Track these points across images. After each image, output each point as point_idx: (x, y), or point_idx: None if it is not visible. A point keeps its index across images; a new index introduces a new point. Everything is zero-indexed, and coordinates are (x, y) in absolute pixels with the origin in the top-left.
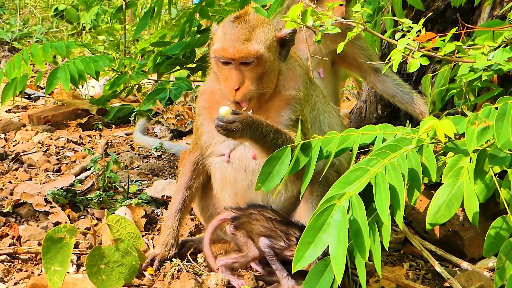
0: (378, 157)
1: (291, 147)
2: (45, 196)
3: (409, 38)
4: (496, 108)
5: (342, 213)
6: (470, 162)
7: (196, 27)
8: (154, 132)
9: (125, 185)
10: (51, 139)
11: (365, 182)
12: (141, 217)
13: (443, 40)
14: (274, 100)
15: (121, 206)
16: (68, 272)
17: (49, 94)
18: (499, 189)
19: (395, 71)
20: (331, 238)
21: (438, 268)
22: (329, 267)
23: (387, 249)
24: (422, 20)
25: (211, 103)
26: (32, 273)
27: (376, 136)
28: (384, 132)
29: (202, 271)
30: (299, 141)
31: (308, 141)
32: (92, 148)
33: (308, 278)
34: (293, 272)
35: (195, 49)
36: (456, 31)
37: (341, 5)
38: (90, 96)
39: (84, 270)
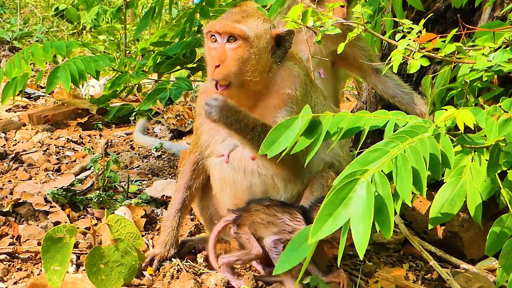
0: (397, 140)
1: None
2: (45, 195)
3: (410, 39)
4: None
5: (367, 187)
6: (472, 160)
7: (197, 27)
8: (154, 132)
9: (125, 185)
10: (51, 138)
11: (387, 162)
12: (141, 217)
13: (444, 41)
14: (269, 98)
15: (121, 206)
16: (67, 272)
17: (49, 94)
18: (501, 186)
19: (395, 72)
20: (355, 212)
21: (438, 269)
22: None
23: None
24: (422, 21)
25: None
26: (32, 272)
27: (388, 121)
28: (397, 118)
29: (202, 270)
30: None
31: (320, 116)
32: (92, 148)
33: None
34: (309, 243)
35: (196, 49)
36: (456, 32)
37: (342, 6)
38: (90, 96)
39: (84, 270)
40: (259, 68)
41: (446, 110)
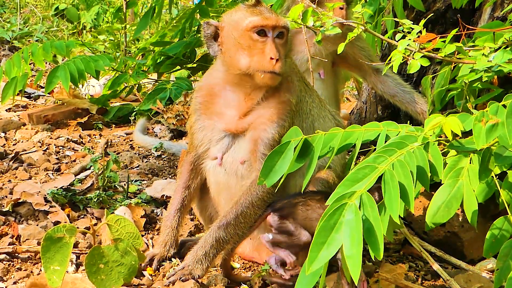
0: (385, 154)
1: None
2: (45, 195)
3: (410, 39)
4: (504, 106)
5: (354, 212)
6: (470, 162)
7: (196, 27)
8: (154, 132)
9: (124, 184)
10: (51, 138)
11: (374, 180)
12: (141, 217)
13: (444, 41)
14: (265, 104)
15: (120, 205)
16: (67, 272)
17: (49, 93)
18: (499, 189)
19: (396, 72)
20: (345, 238)
21: (438, 269)
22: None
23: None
24: (422, 21)
25: (209, 98)
26: (32, 272)
27: (379, 133)
28: (388, 129)
29: None
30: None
31: (311, 136)
32: (92, 148)
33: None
34: (307, 274)
35: (196, 48)
36: (456, 32)
37: (341, 8)
38: (90, 96)
39: (84, 270)
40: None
41: (444, 111)
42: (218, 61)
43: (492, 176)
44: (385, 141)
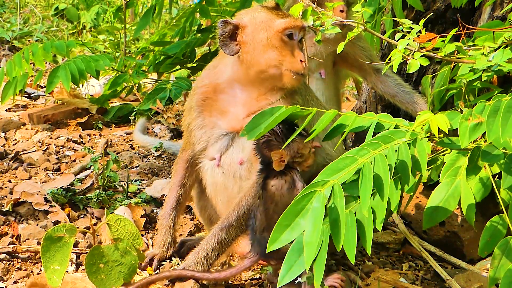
0: (369, 148)
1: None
2: (45, 195)
3: (409, 39)
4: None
5: (321, 201)
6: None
7: (197, 27)
8: (154, 132)
9: (124, 184)
10: (51, 138)
11: (352, 171)
12: (141, 217)
13: (443, 41)
14: (279, 102)
15: (120, 205)
16: (67, 271)
17: (49, 93)
18: (496, 189)
19: (395, 72)
20: (308, 224)
21: (437, 268)
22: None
23: (378, 229)
24: (422, 21)
25: (213, 95)
26: (32, 272)
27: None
28: (382, 119)
29: None
30: None
31: (304, 109)
32: (92, 147)
33: (287, 257)
34: (267, 252)
35: (195, 48)
36: (456, 31)
37: (342, 11)
38: (90, 95)
39: (84, 269)
40: None
41: (444, 111)
42: (228, 59)
43: (488, 175)
44: (377, 133)
